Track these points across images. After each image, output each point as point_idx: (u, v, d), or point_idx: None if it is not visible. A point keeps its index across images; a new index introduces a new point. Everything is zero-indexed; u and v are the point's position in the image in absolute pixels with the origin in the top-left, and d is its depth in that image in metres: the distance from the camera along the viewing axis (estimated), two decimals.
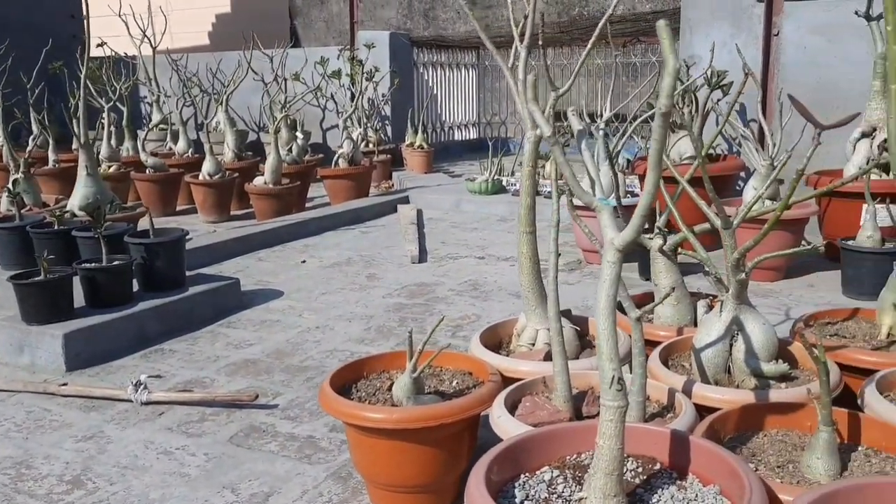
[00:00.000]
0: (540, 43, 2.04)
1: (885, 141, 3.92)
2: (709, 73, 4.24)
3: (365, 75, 7.31)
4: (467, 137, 9.75)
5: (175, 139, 6.72)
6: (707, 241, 2.32)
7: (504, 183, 5.95)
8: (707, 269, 1.97)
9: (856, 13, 3.93)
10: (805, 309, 3.04)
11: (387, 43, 7.85)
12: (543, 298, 2.15)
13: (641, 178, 4.49)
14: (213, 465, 2.12)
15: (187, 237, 3.51)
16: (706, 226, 2.07)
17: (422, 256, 4.35)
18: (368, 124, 7.44)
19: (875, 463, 1.53)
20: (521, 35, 2.10)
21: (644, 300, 2.38)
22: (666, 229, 2.45)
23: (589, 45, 2.05)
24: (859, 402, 1.75)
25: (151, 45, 7.13)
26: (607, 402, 1.26)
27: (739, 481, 1.28)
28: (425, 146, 7.25)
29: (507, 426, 1.65)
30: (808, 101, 4.55)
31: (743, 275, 1.84)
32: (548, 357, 2.00)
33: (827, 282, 3.68)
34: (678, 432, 1.46)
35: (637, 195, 4.36)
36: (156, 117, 7.54)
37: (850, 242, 3.46)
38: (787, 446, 1.62)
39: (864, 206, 3.44)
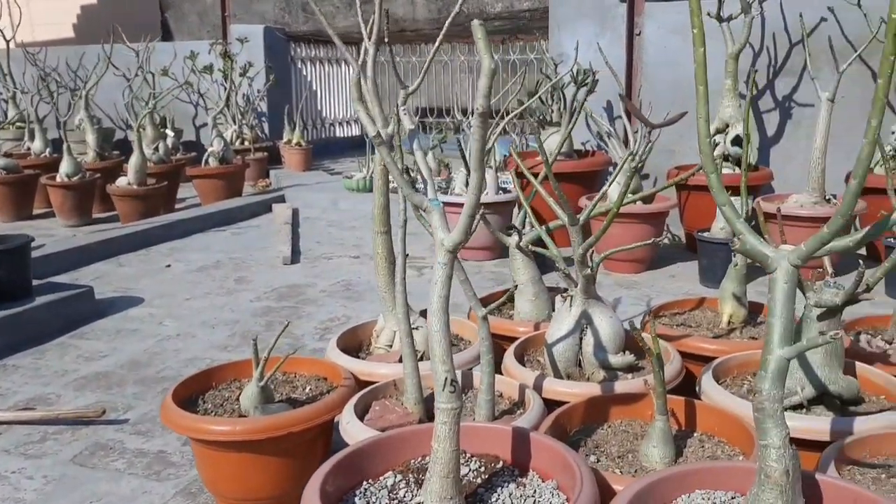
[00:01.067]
0: (386, 40, 2.00)
1: (738, 136, 4.14)
2: (574, 70, 4.34)
3: (238, 71, 7.09)
4: (350, 134, 9.64)
5: (32, 138, 6.30)
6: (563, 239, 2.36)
7: None
8: (557, 265, 1.99)
9: (708, 14, 4.11)
10: (665, 299, 3.16)
11: (261, 37, 7.65)
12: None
13: (518, 174, 4.55)
14: (52, 487, 1.98)
15: (34, 244, 3.28)
16: (559, 222, 2.10)
17: (294, 257, 4.25)
18: (244, 121, 7.23)
19: (707, 448, 1.60)
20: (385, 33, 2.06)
21: (490, 299, 2.40)
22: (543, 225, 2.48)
23: (437, 43, 2.03)
24: (697, 389, 1.82)
25: (4, 38, 6.65)
26: (441, 405, 1.25)
27: (572, 474, 1.30)
28: (303, 143, 7.11)
29: (354, 432, 1.61)
30: (669, 99, 4.75)
31: (588, 270, 1.88)
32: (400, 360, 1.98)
33: (687, 272, 3.85)
34: (520, 429, 1.46)
35: (509, 191, 4.42)
36: (11, 114, 7.04)
37: (705, 234, 3.63)
38: (629, 436, 1.66)
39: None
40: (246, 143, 7.16)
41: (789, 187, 4.28)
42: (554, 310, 2.38)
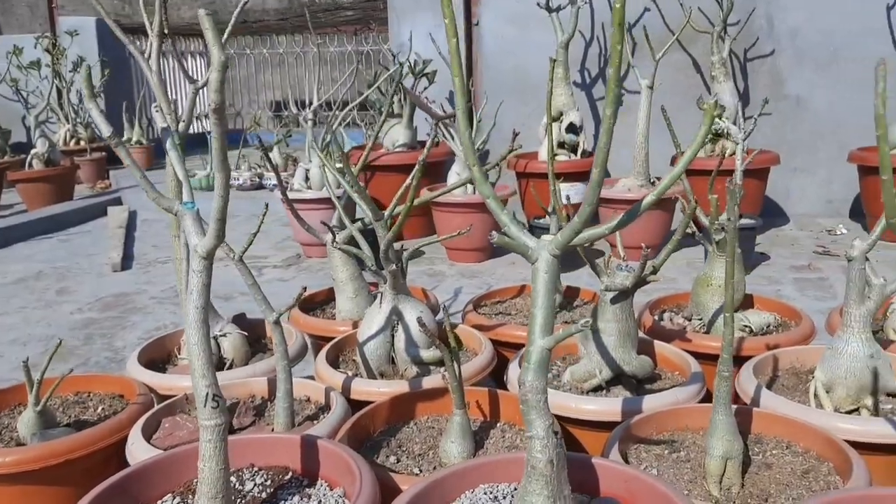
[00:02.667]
0: (166, 31, 1.89)
1: (571, 124, 4.25)
2: (412, 62, 4.32)
3: (69, 66, 6.63)
4: (200, 130, 9.26)
5: None
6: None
7: None
8: (366, 263, 1.95)
9: (538, 4, 4.20)
10: (505, 286, 3.20)
11: (93, 30, 7.18)
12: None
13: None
14: None
15: None
16: (357, 225, 2.05)
17: (126, 263, 4.01)
18: (78, 120, 6.77)
19: (508, 438, 1.60)
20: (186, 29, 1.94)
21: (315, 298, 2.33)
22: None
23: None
24: (505, 378, 1.83)
25: None
26: (203, 422, 1.17)
27: (353, 479, 1.26)
28: (144, 141, 6.76)
29: (138, 453, 1.51)
30: (509, 88, 4.82)
31: (394, 266, 1.85)
32: None
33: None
34: (308, 437, 1.41)
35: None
36: None
37: (540, 221, 3.70)
38: (433, 433, 1.64)
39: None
40: (82, 142, 6.72)
41: (624, 172, 4.44)
42: None
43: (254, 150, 6.28)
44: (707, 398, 1.79)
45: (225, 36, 1.91)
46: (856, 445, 1.48)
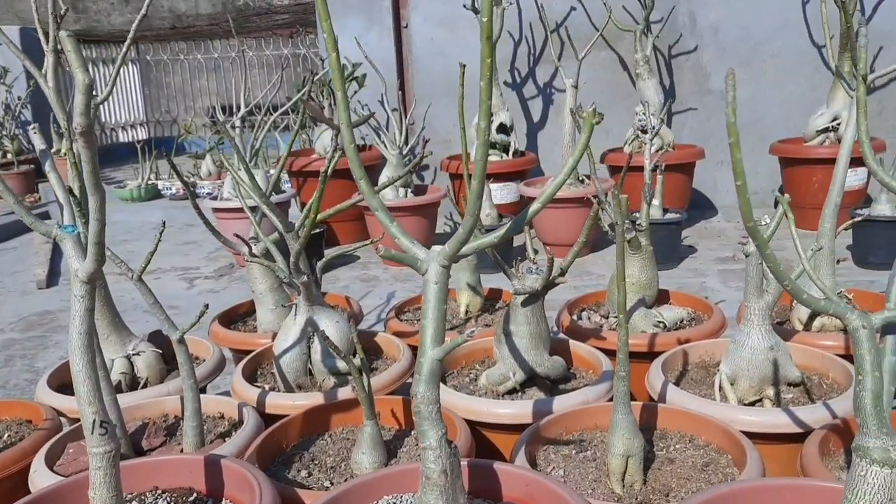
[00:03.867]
0: (59, 33, 1.85)
1: (502, 124, 4.29)
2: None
3: None
4: (135, 139, 9.07)
5: None
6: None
7: (160, 187, 5.59)
8: (280, 275, 1.93)
9: (464, 6, 4.22)
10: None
11: (17, 39, 6.97)
12: (117, 324, 1.98)
13: (291, 173, 4.46)
14: None
15: None
16: (274, 236, 2.03)
17: (52, 280, 3.91)
18: (3, 132, 6.57)
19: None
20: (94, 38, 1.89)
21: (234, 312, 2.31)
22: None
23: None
24: None
25: None
26: (92, 449, 1.15)
27: (253, 497, 1.25)
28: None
29: (40, 481, 1.47)
30: (442, 89, 4.83)
31: (305, 277, 1.84)
32: (117, 390, 1.85)
33: (463, 262, 3.93)
34: (212, 457, 1.39)
35: (284, 191, 4.32)
36: None
37: None
38: (348, 444, 1.64)
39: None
40: (9, 155, 6.53)
41: (557, 170, 4.50)
42: None
43: (187, 159, 6.19)
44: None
45: (124, 49, 1.88)
46: (757, 436, 1.53)
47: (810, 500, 1.18)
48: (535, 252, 1.92)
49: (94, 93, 1.75)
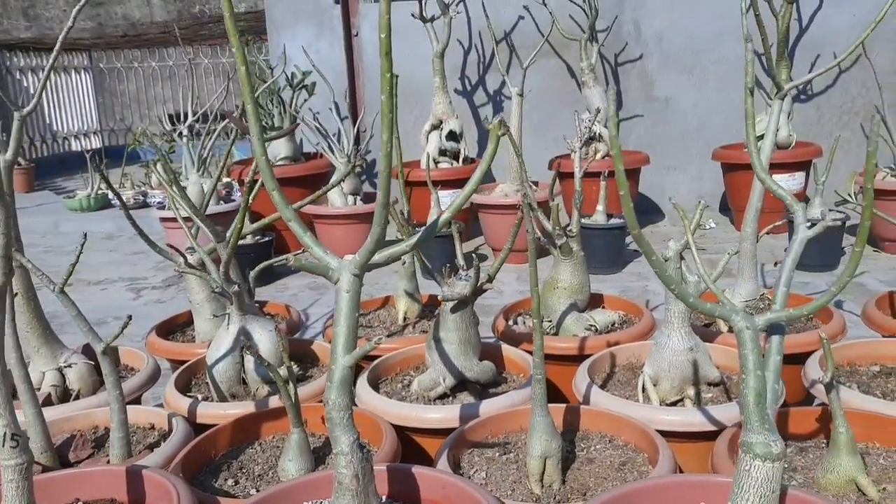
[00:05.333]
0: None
1: (452, 132, 4.33)
2: (289, 74, 4.31)
3: None
4: (89, 147, 8.95)
5: None
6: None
7: (111, 197, 5.53)
8: (211, 284, 1.94)
9: (412, 15, 4.26)
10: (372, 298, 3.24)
11: None
12: (48, 336, 1.97)
13: (242, 182, 4.44)
14: None
15: None
16: (210, 246, 2.04)
17: None
18: None
19: None
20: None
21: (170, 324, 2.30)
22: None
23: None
24: (354, 390, 1.86)
25: None
26: (4, 462, 1.15)
27: None
28: (23, 162, 6.49)
29: None
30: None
31: (237, 286, 1.85)
32: (48, 402, 1.84)
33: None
34: (133, 468, 1.40)
35: (234, 200, 4.31)
36: None
37: (419, 228, 3.75)
38: (277, 452, 1.65)
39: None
40: None
41: (507, 176, 4.55)
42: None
43: (137, 168, 6.13)
44: (552, 398, 1.86)
45: (52, 57, 1.88)
46: (676, 435, 1.58)
47: (713, 495, 1.23)
48: (473, 258, 1.95)
49: (21, 108, 1.75)
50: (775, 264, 3.60)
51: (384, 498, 1.34)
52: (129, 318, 1.59)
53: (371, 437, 1.65)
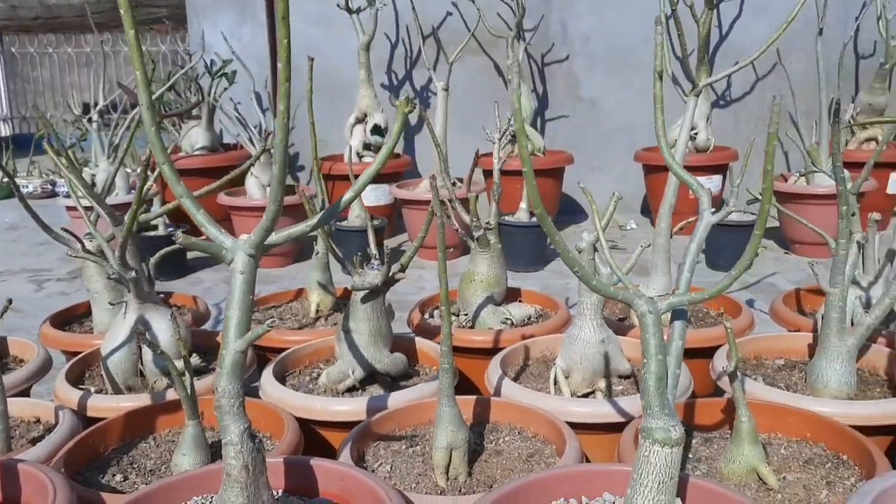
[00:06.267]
0: None
1: (377, 126, 4.27)
2: (208, 61, 4.17)
3: None
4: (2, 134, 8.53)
5: None
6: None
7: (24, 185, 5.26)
8: (108, 270, 1.83)
9: (338, 6, 4.18)
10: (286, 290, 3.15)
11: None
12: None
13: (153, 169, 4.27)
14: None
15: None
16: (108, 234, 1.93)
17: None
18: None
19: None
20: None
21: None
22: None
23: None
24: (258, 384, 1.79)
25: None
26: None
27: (47, 501, 1.17)
28: None
29: None
30: (316, 89, 4.76)
31: (134, 273, 1.75)
32: None
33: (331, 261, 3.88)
34: (8, 462, 1.30)
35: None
36: None
37: (343, 223, 3.68)
38: (172, 446, 1.57)
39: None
40: None
41: (433, 171, 4.51)
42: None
43: (46, 156, 5.84)
44: (467, 392, 1.84)
45: None
46: (586, 426, 1.56)
47: (617, 483, 1.21)
48: (386, 247, 1.89)
49: None
50: None
51: (279, 492, 1.28)
52: (10, 301, 1.48)
53: (273, 430, 1.59)
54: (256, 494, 1.11)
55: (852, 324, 1.86)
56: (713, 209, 1.22)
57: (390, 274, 1.74)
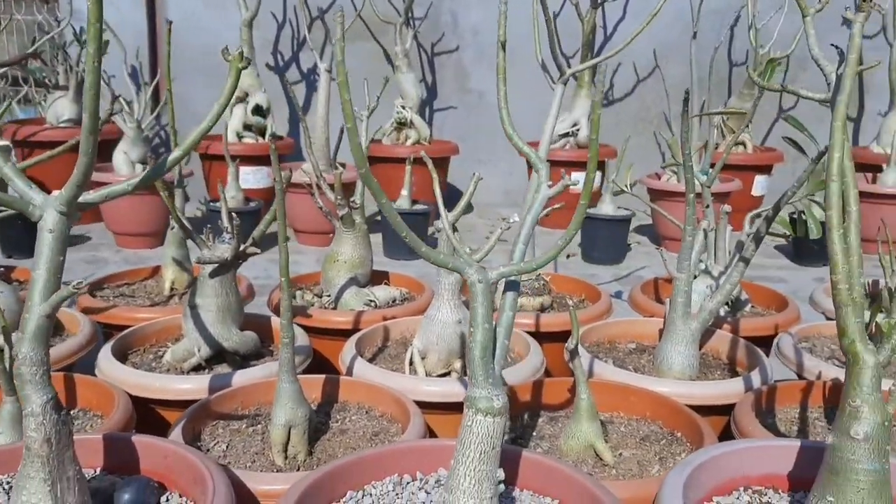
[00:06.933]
0: None
1: (258, 106, 4.14)
2: (78, 29, 3.93)
3: None
4: None
5: None
6: None
7: None
8: None
9: None
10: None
11: None
12: None
13: (17, 142, 3.99)
14: None
15: None
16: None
17: None
18: None
19: (84, 424, 1.46)
20: None
21: None
22: None
23: None
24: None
25: None
26: None
27: None
28: None
29: None
30: (198, 67, 4.58)
31: None
32: None
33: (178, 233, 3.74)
34: None
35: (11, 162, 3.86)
36: None
37: (216, 204, 3.55)
38: None
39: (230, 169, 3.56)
40: None
41: (318, 155, 4.41)
42: None
43: None
44: (322, 372, 1.78)
45: None
46: (438, 406, 1.55)
47: (449, 457, 1.19)
48: (234, 217, 1.82)
49: None
50: (568, 256, 3.73)
51: (97, 470, 1.20)
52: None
53: (105, 409, 1.49)
54: (60, 470, 1.03)
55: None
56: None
57: (241, 248, 1.67)
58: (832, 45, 3.00)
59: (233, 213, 1.63)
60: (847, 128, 1.04)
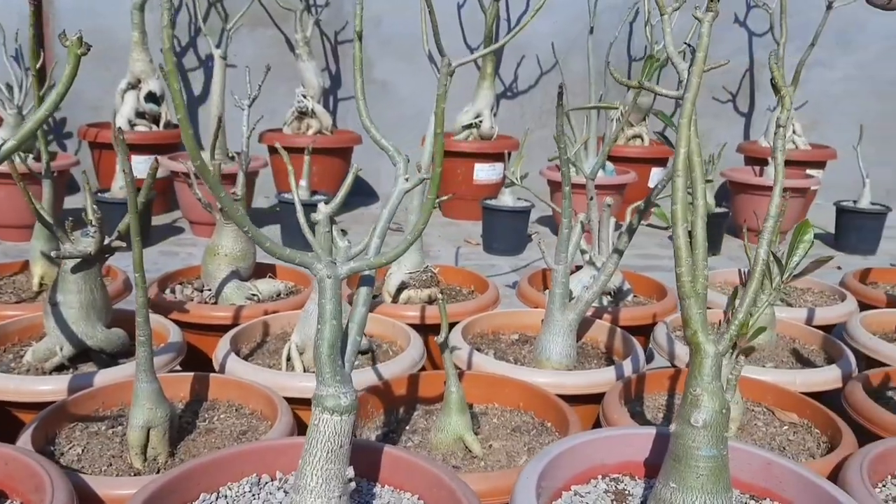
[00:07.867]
0: None
1: (151, 93, 3.99)
2: None
3: None
4: None
5: None
6: None
7: None
8: None
9: None
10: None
11: None
12: None
13: None
14: None
15: None
16: None
17: None
18: None
19: None
20: None
21: None
22: None
23: None
24: None
25: None
26: None
27: None
28: None
29: None
30: (93, 52, 4.38)
31: None
32: None
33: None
34: None
35: None
36: None
37: (105, 195, 3.41)
38: None
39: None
40: None
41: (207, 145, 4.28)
42: None
43: None
44: (200, 370, 1.73)
45: None
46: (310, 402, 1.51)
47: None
48: (95, 210, 1.74)
49: None
50: (466, 242, 3.72)
51: None
52: None
53: None
54: None
55: None
56: (402, 161, 1.21)
57: (106, 242, 1.60)
58: (685, 43, 3.10)
59: (95, 206, 1.56)
60: (696, 124, 1.07)
